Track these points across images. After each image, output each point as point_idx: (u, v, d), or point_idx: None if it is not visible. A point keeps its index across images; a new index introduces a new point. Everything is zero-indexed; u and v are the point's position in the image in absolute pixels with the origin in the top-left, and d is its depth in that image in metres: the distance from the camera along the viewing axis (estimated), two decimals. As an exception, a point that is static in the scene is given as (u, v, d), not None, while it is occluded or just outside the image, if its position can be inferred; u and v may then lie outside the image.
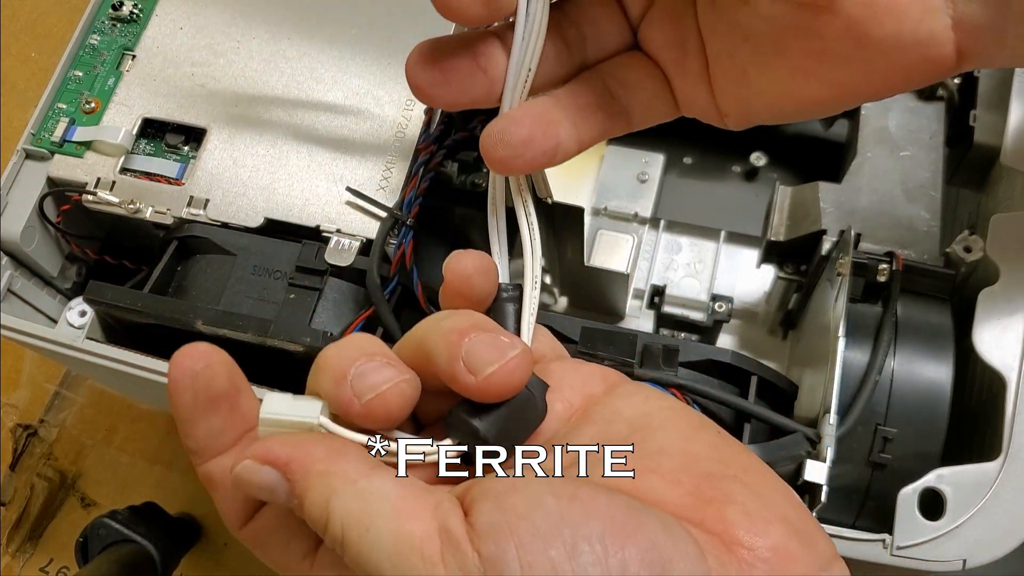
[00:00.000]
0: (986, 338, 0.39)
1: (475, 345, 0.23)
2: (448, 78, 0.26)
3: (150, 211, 0.44)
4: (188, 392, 0.24)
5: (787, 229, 0.49)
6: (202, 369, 0.24)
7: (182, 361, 0.24)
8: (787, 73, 0.27)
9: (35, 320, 0.46)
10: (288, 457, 0.22)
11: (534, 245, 0.28)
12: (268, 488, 0.22)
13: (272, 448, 0.22)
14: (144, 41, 0.48)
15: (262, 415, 0.23)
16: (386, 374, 0.23)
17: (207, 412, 0.24)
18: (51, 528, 0.68)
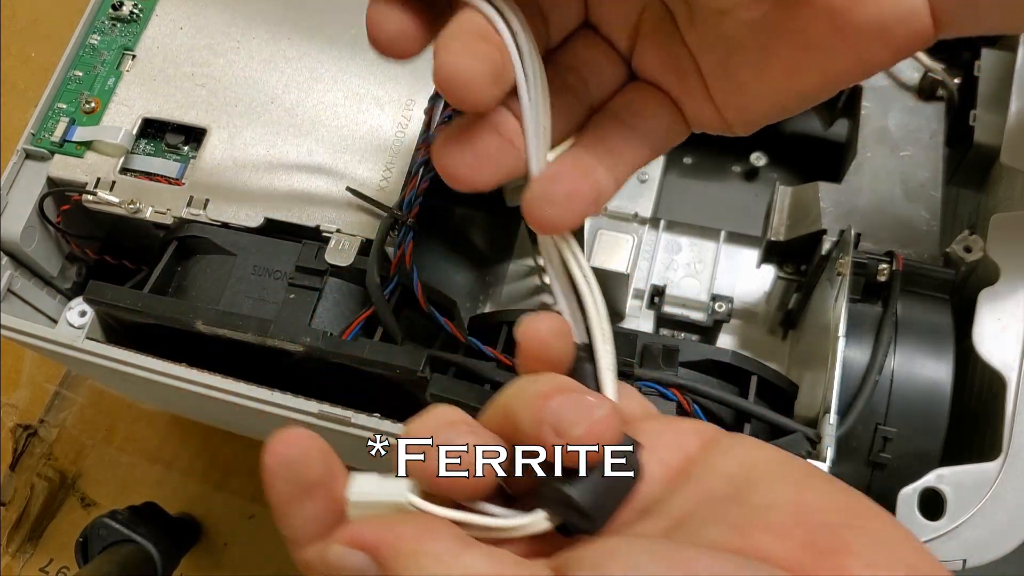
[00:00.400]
0: (986, 338, 0.39)
1: (560, 406, 0.22)
2: (482, 160, 0.26)
3: (150, 211, 0.44)
4: (283, 481, 0.23)
5: (787, 229, 0.49)
6: (297, 456, 0.23)
7: (277, 448, 0.23)
8: (780, 72, 0.27)
9: (35, 320, 0.46)
10: (377, 540, 0.22)
11: (596, 298, 0.27)
12: (359, 572, 0.22)
13: (360, 531, 0.22)
14: (144, 41, 0.48)
15: (351, 498, 0.23)
16: (467, 440, 0.23)
17: (303, 500, 0.23)
18: (51, 528, 0.68)
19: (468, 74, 0.24)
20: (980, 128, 0.46)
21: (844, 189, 0.47)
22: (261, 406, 0.40)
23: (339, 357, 0.39)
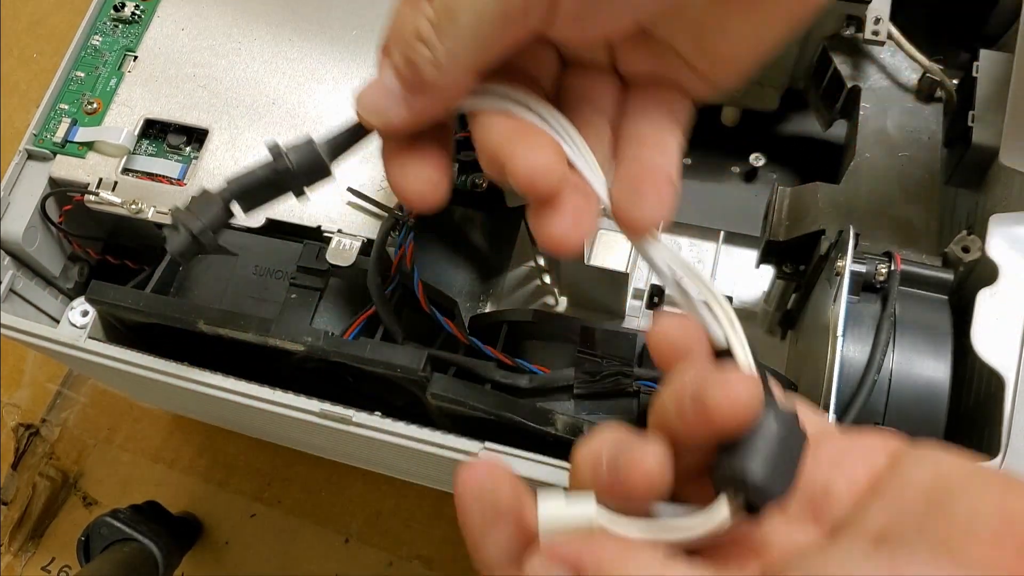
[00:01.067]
0: (984, 337, 0.39)
1: (692, 376, 0.23)
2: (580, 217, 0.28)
3: (152, 211, 0.45)
4: (477, 509, 0.24)
5: (786, 229, 0.49)
6: (489, 485, 0.24)
7: (469, 478, 0.24)
8: (743, 31, 0.29)
9: (37, 320, 0.46)
10: (578, 554, 0.22)
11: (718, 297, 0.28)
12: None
13: (561, 547, 0.22)
14: (146, 42, 0.48)
15: (541, 519, 0.23)
16: (635, 444, 0.23)
17: (495, 527, 0.24)
18: (53, 527, 0.68)
19: (545, 166, 0.26)
20: (978, 129, 0.46)
21: (843, 189, 0.48)
22: (262, 405, 0.40)
23: (340, 357, 0.39)
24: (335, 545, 0.66)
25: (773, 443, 0.23)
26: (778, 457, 0.23)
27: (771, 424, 0.23)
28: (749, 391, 0.23)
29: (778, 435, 0.23)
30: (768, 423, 0.23)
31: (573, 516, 0.23)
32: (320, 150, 0.28)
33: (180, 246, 0.28)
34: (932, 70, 0.50)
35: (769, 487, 0.23)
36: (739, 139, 0.61)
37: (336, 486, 0.66)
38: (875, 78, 0.51)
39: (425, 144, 0.29)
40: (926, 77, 0.50)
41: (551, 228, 0.27)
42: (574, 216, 0.28)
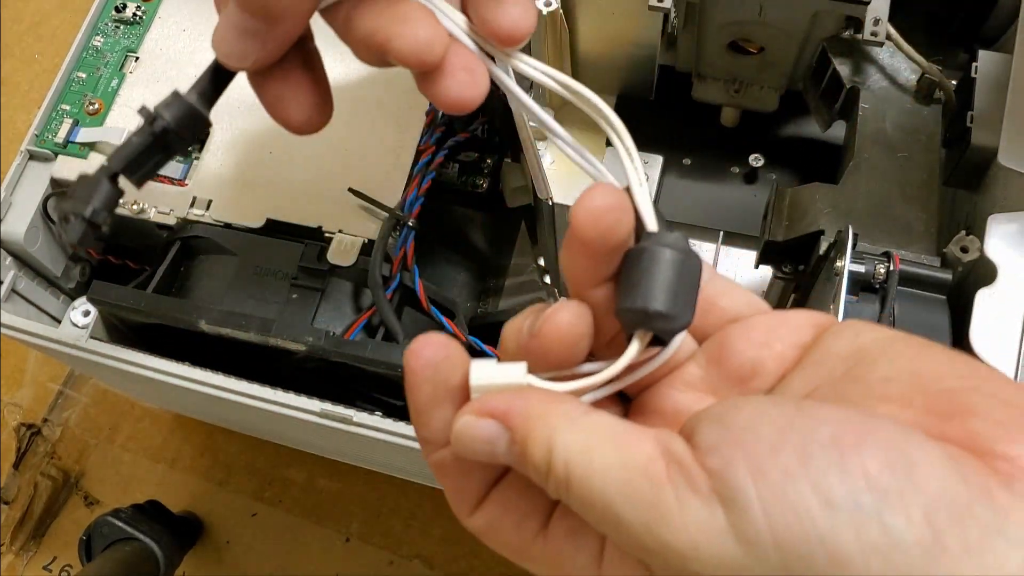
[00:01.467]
0: (983, 337, 0.39)
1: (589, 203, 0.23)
2: (479, 80, 0.27)
3: (153, 212, 0.45)
4: (428, 383, 0.24)
5: (785, 230, 0.49)
6: (442, 360, 0.24)
7: (422, 351, 0.24)
8: None
9: (39, 320, 0.46)
10: (507, 406, 0.23)
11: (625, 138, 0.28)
12: (489, 440, 0.23)
13: (490, 401, 0.23)
14: (147, 43, 0.49)
15: (473, 383, 0.24)
16: (552, 306, 0.24)
17: (443, 403, 0.24)
18: (54, 526, 0.68)
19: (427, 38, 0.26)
20: (977, 129, 0.46)
21: (842, 190, 0.48)
22: (263, 405, 0.40)
23: (341, 356, 0.40)
24: (335, 544, 0.66)
25: (668, 272, 0.24)
26: (676, 284, 0.24)
27: (663, 254, 0.24)
28: (606, 199, 0.23)
29: (671, 264, 0.24)
30: (660, 255, 0.24)
31: (504, 376, 0.24)
32: (192, 101, 0.28)
33: (76, 235, 0.27)
34: (931, 71, 0.50)
35: (671, 311, 0.23)
36: (738, 140, 0.61)
37: (336, 486, 0.67)
38: (874, 79, 0.51)
39: (293, 67, 0.29)
40: (925, 78, 0.50)
41: (450, 92, 0.27)
42: (466, 73, 0.27)
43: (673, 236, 0.24)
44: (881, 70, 0.51)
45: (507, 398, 0.23)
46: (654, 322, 0.24)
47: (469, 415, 0.23)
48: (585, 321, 0.24)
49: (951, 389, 0.21)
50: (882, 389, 0.21)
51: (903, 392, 0.21)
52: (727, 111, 0.61)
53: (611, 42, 0.58)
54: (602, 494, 0.20)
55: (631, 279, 0.24)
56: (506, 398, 0.23)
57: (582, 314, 0.24)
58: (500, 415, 0.23)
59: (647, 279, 0.24)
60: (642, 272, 0.24)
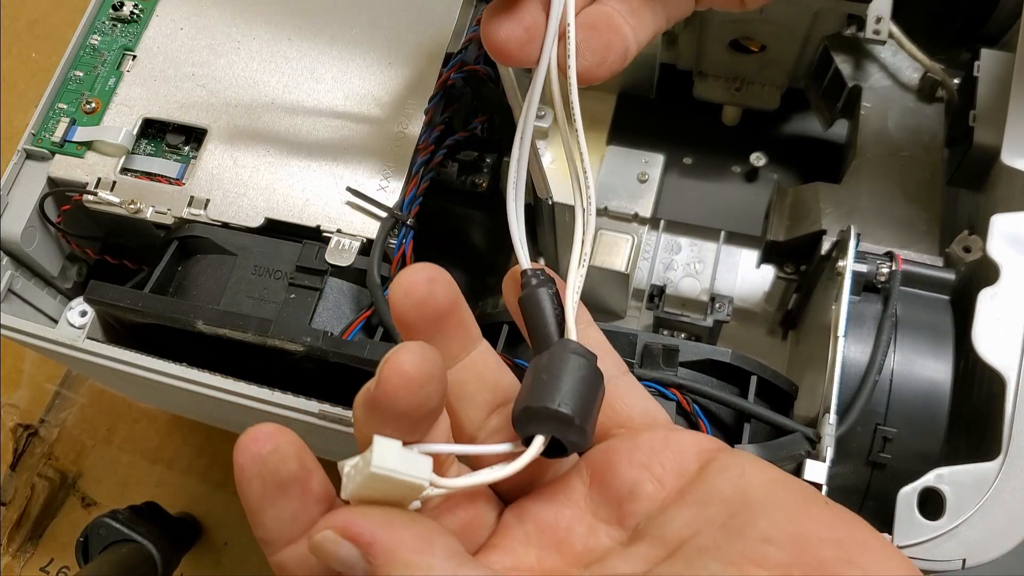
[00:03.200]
0: (986, 338, 0.39)
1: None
2: (532, 34, 0.27)
3: (151, 211, 0.44)
4: (256, 479, 0.22)
5: (787, 229, 0.49)
6: (269, 453, 0.22)
7: (248, 446, 0.22)
8: None
9: (36, 320, 0.46)
10: (372, 537, 0.21)
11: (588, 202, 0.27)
12: (346, 564, 0.21)
13: (356, 523, 0.21)
14: (145, 41, 0.48)
15: (373, 467, 0.22)
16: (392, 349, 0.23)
17: (276, 499, 0.23)
18: (52, 528, 0.68)
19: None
20: (980, 128, 0.46)
21: (844, 189, 0.48)
22: (262, 406, 0.40)
23: (339, 357, 0.39)
24: (334, 546, 0.65)
25: (579, 380, 0.23)
26: (581, 391, 0.23)
27: (575, 362, 0.24)
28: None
29: (583, 373, 0.24)
30: (573, 363, 0.24)
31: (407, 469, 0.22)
32: None
33: None
34: (933, 69, 0.49)
35: (579, 420, 0.23)
36: (740, 139, 0.61)
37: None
38: (876, 77, 0.51)
39: None
40: (927, 76, 0.50)
41: (498, 32, 0.26)
42: (527, 24, 0.26)
43: (583, 347, 0.24)
44: (883, 69, 0.51)
45: (375, 526, 0.21)
46: (561, 428, 0.23)
47: (330, 531, 0.21)
48: (433, 362, 0.22)
49: (826, 560, 0.21)
50: (760, 551, 0.21)
51: (780, 559, 0.21)
52: (728, 110, 0.61)
53: (611, 41, 0.58)
54: None
55: (539, 380, 0.23)
56: (375, 525, 0.21)
57: (427, 355, 0.22)
58: (363, 544, 0.21)
59: (557, 382, 0.23)
60: (553, 375, 0.23)
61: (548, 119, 0.59)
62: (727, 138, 0.61)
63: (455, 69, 0.46)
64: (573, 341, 0.25)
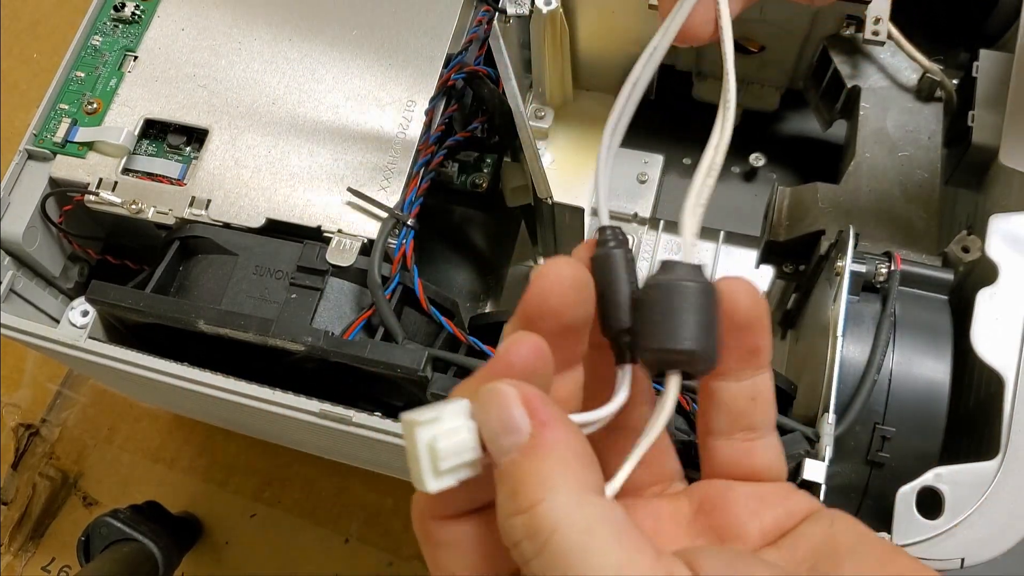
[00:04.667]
0: (984, 337, 0.39)
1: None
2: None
3: (152, 211, 0.45)
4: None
5: (786, 229, 0.49)
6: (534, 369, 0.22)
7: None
8: None
9: (37, 320, 0.46)
10: (547, 419, 0.21)
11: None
12: (505, 427, 0.21)
13: (536, 400, 0.21)
14: (146, 42, 0.48)
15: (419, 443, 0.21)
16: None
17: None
18: (53, 527, 0.68)
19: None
20: (978, 128, 0.46)
21: (843, 189, 0.48)
22: (262, 405, 0.40)
23: (340, 357, 0.39)
24: (335, 545, 0.66)
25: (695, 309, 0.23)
26: (704, 320, 0.23)
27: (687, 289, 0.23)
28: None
29: (696, 299, 0.23)
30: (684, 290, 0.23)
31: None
32: None
33: None
34: (932, 70, 0.50)
35: (704, 351, 0.23)
36: (739, 139, 0.61)
37: (336, 486, 0.66)
38: (875, 78, 0.51)
39: None
40: (926, 77, 0.50)
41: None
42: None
43: (691, 268, 0.24)
44: (882, 69, 0.51)
45: (556, 413, 0.21)
46: (689, 363, 0.23)
47: (511, 389, 0.21)
48: (583, 273, 0.23)
49: None
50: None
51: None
52: (727, 110, 0.61)
53: (611, 41, 0.58)
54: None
55: (654, 317, 0.23)
56: (555, 412, 0.21)
57: (578, 267, 0.23)
58: (538, 421, 0.21)
59: (674, 317, 0.23)
60: (667, 310, 0.23)
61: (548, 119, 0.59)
62: (727, 138, 0.61)
63: (455, 70, 0.46)
64: (681, 265, 0.24)
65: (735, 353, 0.25)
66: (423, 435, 0.21)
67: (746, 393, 0.25)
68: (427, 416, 0.21)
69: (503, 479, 0.21)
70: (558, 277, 0.23)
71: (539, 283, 0.23)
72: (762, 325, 0.25)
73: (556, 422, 0.21)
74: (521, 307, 0.23)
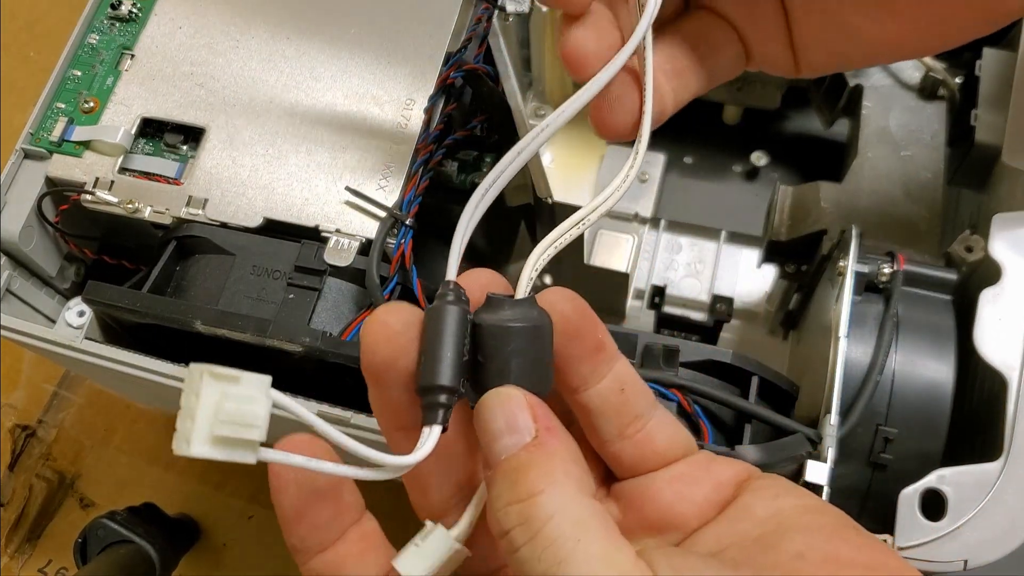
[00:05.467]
0: (987, 338, 0.39)
1: None
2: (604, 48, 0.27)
3: (149, 211, 0.44)
4: (292, 486, 0.23)
5: (788, 229, 0.49)
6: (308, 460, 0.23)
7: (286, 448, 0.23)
8: (903, 21, 0.27)
9: (34, 320, 0.45)
10: (551, 425, 0.22)
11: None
12: (509, 428, 0.22)
13: (540, 409, 0.22)
14: (143, 40, 0.48)
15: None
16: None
17: (312, 505, 0.23)
18: (50, 529, 0.68)
19: None
20: (981, 128, 0.46)
21: (845, 189, 0.47)
22: (260, 406, 0.40)
23: (338, 357, 0.39)
24: (334, 547, 0.65)
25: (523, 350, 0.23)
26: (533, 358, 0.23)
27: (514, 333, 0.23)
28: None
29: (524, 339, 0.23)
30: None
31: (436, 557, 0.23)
32: None
33: None
34: (935, 68, 0.49)
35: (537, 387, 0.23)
36: (741, 138, 0.61)
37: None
38: (877, 76, 0.51)
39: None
40: (929, 75, 0.50)
41: (571, 38, 0.27)
42: (597, 33, 0.27)
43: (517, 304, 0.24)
44: (885, 68, 0.51)
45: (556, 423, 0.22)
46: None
47: (519, 394, 0.22)
48: (408, 315, 0.24)
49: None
50: (792, 566, 0.21)
51: (816, 573, 0.21)
52: (729, 109, 0.61)
53: (611, 40, 0.58)
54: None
55: (481, 360, 0.23)
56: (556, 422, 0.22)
57: (401, 311, 0.24)
58: (541, 426, 0.22)
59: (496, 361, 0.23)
60: (491, 354, 0.23)
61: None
62: (728, 137, 0.61)
63: (454, 68, 0.45)
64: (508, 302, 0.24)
65: (583, 359, 0.24)
66: (212, 388, 0.20)
67: (613, 387, 0.25)
68: (226, 372, 0.20)
69: (501, 472, 0.21)
70: (382, 326, 0.23)
71: (366, 338, 0.23)
72: (592, 323, 0.25)
73: (559, 429, 0.22)
74: (363, 368, 0.24)
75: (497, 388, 0.22)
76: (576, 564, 0.20)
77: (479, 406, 0.23)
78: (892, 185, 0.47)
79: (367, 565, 0.24)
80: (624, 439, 0.25)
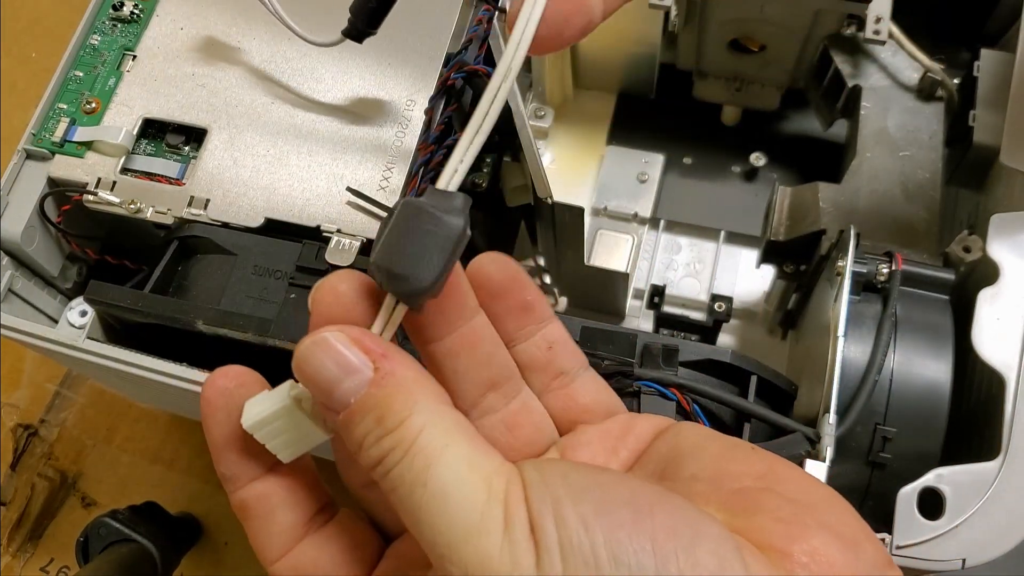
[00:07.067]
0: (985, 337, 0.39)
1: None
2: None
3: (151, 211, 0.44)
4: (222, 413, 0.23)
5: (787, 229, 0.49)
6: (235, 388, 0.23)
7: (215, 381, 0.24)
8: None
9: (36, 320, 0.46)
10: (385, 351, 0.22)
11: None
12: (344, 369, 0.22)
13: (365, 337, 0.22)
14: (145, 41, 0.48)
15: (245, 425, 0.23)
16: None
17: (242, 435, 0.23)
18: (52, 528, 0.68)
19: None
20: (979, 128, 0.46)
21: (843, 189, 0.48)
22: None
23: (339, 357, 0.39)
24: (334, 545, 0.65)
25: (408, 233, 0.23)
26: (413, 246, 0.23)
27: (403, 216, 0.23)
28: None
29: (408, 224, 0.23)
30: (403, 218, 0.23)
31: (273, 404, 0.23)
32: None
33: None
34: (933, 69, 0.49)
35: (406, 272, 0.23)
36: (739, 138, 0.61)
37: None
38: (876, 77, 0.51)
39: None
40: (927, 76, 0.50)
41: None
42: None
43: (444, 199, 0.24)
44: (883, 68, 0.51)
45: (387, 346, 0.22)
46: (396, 286, 0.23)
47: (341, 333, 0.22)
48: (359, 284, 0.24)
49: (746, 488, 0.23)
50: (686, 487, 0.23)
51: (704, 491, 0.23)
52: (728, 109, 0.61)
53: (612, 40, 0.58)
54: (439, 481, 0.20)
55: (385, 234, 0.23)
56: (386, 345, 0.22)
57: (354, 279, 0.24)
58: (376, 355, 0.22)
59: (399, 239, 0.23)
60: (395, 230, 0.23)
61: (548, 119, 0.59)
62: (727, 138, 0.61)
63: (455, 69, 0.45)
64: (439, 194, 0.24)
65: (510, 316, 0.26)
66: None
67: (541, 346, 0.26)
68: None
69: (359, 413, 0.21)
70: (332, 290, 0.24)
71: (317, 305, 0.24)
72: (521, 283, 0.26)
73: (392, 351, 0.22)
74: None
75: (311, 335, 0.22)
76: (444, 466, 0.20)
77: (297, 359, 0.22)
78: (890, 185, 0.47)
79: (297, 499, 0.24)
80: (549, 392, 0.27)
